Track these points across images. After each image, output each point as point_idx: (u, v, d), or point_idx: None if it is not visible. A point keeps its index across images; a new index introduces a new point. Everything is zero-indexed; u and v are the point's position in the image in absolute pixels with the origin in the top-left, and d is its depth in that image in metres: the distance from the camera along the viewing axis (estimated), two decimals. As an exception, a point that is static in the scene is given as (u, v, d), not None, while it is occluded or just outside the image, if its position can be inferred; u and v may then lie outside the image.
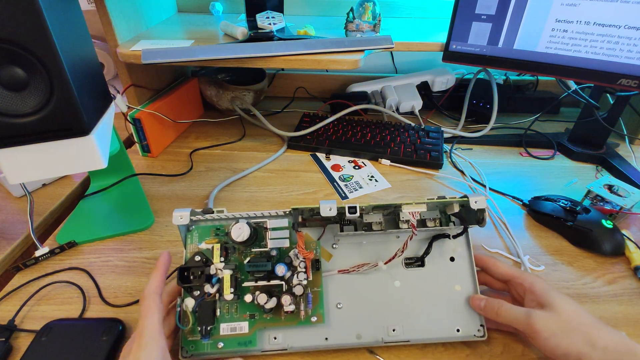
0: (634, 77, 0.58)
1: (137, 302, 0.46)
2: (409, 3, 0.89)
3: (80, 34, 0.42)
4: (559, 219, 0.55)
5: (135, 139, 0.71)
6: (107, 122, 0.47)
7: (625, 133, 0.77)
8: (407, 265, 0.42)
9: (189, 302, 0.38)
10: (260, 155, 0.74)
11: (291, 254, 0.40)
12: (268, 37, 0.68)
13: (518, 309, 0.37)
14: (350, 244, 0.42)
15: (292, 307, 0.38)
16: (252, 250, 0.40)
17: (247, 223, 0.39)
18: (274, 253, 0.40)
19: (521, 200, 0.62)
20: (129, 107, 0.69)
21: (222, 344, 0.38)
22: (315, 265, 0.41)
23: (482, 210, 0.40)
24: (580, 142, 0.74)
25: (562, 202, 0.56)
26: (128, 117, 0.68)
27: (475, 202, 0.39)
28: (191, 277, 0.38)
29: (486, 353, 0.40)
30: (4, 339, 0.40)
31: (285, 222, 0.41)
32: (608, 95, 0.70)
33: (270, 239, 0.40)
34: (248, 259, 0.40)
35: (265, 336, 0.39)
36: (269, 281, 0.39)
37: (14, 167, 0.40)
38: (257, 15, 0.71)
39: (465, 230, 0.41)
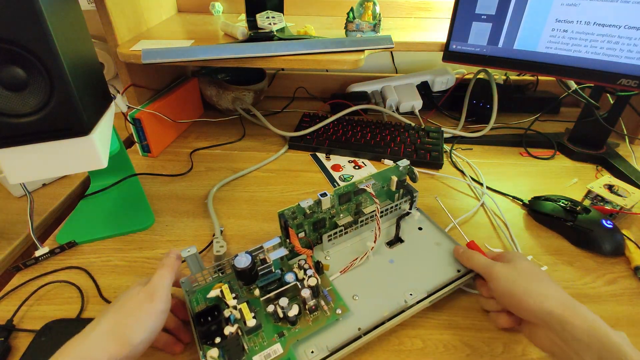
0: (634, 77, 0.58)
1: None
2: (409, 3, 0.89)
3: (80, 34, 0.42)
4: (559, 219, 0.55)
5: (135, 139, 0.71)
6: (107, 122, 0.47)
7: (626, 133, 0.77)
8: (390, 246, 0.49)
9: (213, 352, 0.36)
10: (260, 155, 0.74)
11: (294, 268, 0.43)
12: (268, 37, 0.68)
13: (485, 258, 0.43)
14: (339, 250, 0.49)
15: (314, 302, 0.39)
16: (265, 266, 0.42)
17: (247, 252, 0.41)
18: (278, 272, 0.43)
19: (521, 200, 0.62)
20: (129, 107, 0.69)
21: None
22: (318, 268, 0.43)
23: (409, 169, 0.50)
24: (580, 142, 0.74)
25: (562, 202, 0.56)
26: (128, 117, 0.68)
27: (401, 167, 0.50)
28: (209, 319, 0.38)
29: (486, 353, 0.40)
30: (2, 339, 0.40)
31: (277, 240, 0.43)
32: (608, 95, 0.70)
33: (270, 255, 0.42)
34: (256, 288, 0.42)
35: (301, 352, 0.37)
36: (286, 285, 0.40)
37: (14, 167, 0.40)
38: (257, 15, 0.71)
39: (410, 195, 0.52)
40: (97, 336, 0.31)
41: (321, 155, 0.75)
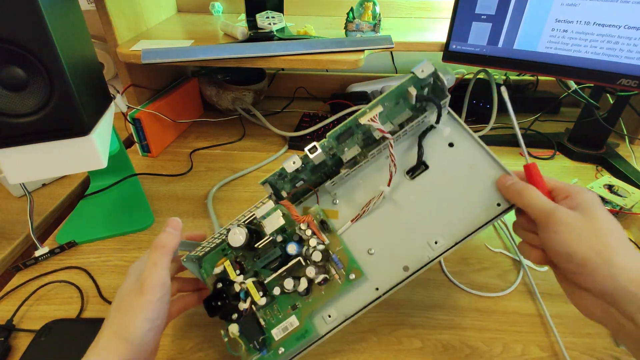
0: (634, 77, 0.58)
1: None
2: (409, 3, 0.88)
3: (80, 34, 0.42)
4: (558, 219, 0.55)
5: (135, 139, 0.71)
6: (107, 122, 0.47)
7: (625, 133, 0.77)
8: (412, 177, 0.38)
9: (233, 328, 0.36)
10: (260, 155, 0.74)
11: (297, 230, 0.38)
12: (268, 37, 0.68)
13: (545, 199, 0.32)
14: (348, 192, 0.39)
15: (322, 276, 0.36)
16: (259, 247, 0.38)
17: (238, 226, 0.37)
18: (279, 239, 0.38)
19: (521, 200, 0.61)
20: (128, 107, 0.69)
21: (282, 349, 0.36)
22: (324, 226, 0.38)
23: (435, 75, 0.34)
24: (580, 142, 0.74)
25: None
26: (128, 117, 0.68)
27: (422, 71, 0.34)
28: (219, 304, 0.38)
29: (486, 353, 0.40)
30: (2, 339, 0.41)
31: (270, 205, 0.38)
32: (608, 95, 0.70)
33: (266, 226, 0.37)
34: (259, 257, 0.38)
35: (319, 319, 0.37)
36: (287, 264, 0.36)
37: (14, 167, 0.40)
38: (257, 15, 0.71)
39: (439, 107, 0.36)
40: (106, 340, 0.31)
41: (321, 155, 0.75)
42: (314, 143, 0.36)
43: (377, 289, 0.36)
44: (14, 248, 0.53)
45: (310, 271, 0.35)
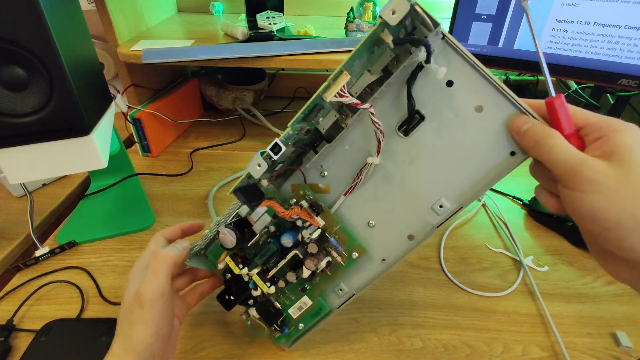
0: (634, 77, 0.58)
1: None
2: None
3: (80, 34, 0.42)
4: (559, 219, 0.55)
5: (135, 139, 0.71)
6: (107, 122, 0.47)
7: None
8: (405, 133, 0.31)
9: (253, 312, 0.38)
10: (261, 155, 0.74)
11: (288, 218, 0.35)
12: (268, 37, 0.68)
13: (572, 150, 0.24)
14: (335, 161, 0.34)
15: (324, 262, 0.34)
16: (254, 241, 0.37)
17: (227, 226, 0.35)
18: (272, 229, 0.36)
19: (521, 200, 0.61)
20: (129, 107, 0.69)
21: (302, 325, 0.38)
22: (314, 208, 0.35)
23: (413, 12, 0.25)
24: (580, 142, 0.74)
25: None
26: (128, 117, 0.68)
27: (392, 13, 0.24)
28: (232, 297, 0.38)
29: (486, 353, 0.40)
30: (2, 339, 0.40)
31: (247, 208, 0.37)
32: (608, 95, 0.70)
33: (253, 223, 0.36)
34: (255, 254, 0.37)
35: (330, 295, 0.37)
36: (286, 257, 0.35)
37: (14, 167, 0.40)
38: (258, 15, 0.71)
39: (427, 47, 0.26)
40: (117, 351, 0.31)
41: (321, 155, 0.75)
42: (276, 140, 0.30)
43: (383, 260, 0.35)
44: (14, 248, 0.53)
45: (309, 264, 0.34)
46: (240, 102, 0.84)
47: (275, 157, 0.31)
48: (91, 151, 0.41)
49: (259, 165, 0.31)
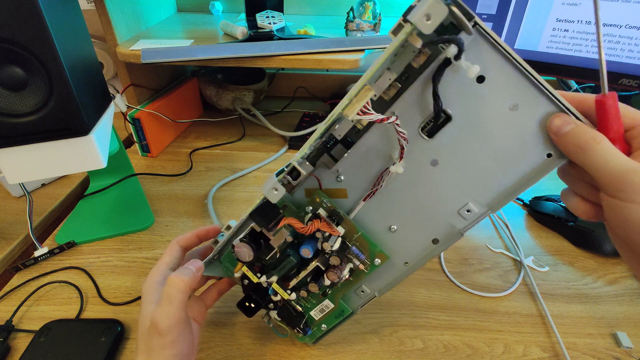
0: (635, 77, 0.58)
1: (136, 300, 0.45)
2: (409, 2, 0.88)
3: (79, 34, 0.42)
4: (559, 219, 0.55)
5: (135, 139, 0.71)
6: (106, 121, 0.46)
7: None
8: (429, 134, 0.28)
9: (274, 314, 0.38)
10: (260, 155, 0.74)
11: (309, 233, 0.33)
12: (268, 36, 0.68)
13: (621, 157, 0.22)
14: (352, 164, 0.32)
15: (346, 271, 0.34)
16: (271, 253, 0.35)
17: (241, 240, 0.33)
18: (290, 239, 0.34)
19: (522, 201, 0.61)
20: (128, 107, 0.69)
21: (324, 325, 0.38)
22: (333, 218, 0.33)
23: (451, 15, 0.22)
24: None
25: (562, 202, 0.56)
26: (127, 117, 0.68)
27: (427, 20, 0.22)
28: (252, 305, 0.37)
29: (487, 354, 0.40)
30: (1, 339, 0.40)
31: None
32: (609, 95, 0.70)
33: (273, 238, 0.34)
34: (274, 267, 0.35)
35: (352, 296, 0.37)
36: (306, 267, 0.34)
37: (13, 167, 0.40)
38: (257, 15, 0.71)
39: (460, 45, 0.23)
40: None
41: (321, 155, 0.74)
42: (293, 164, 0.28)
43: (406, 263, 0.34)
44: (13, 248, 0.52)
45: (332, 276, 0.33)
46: (240, 102, 0.84)
47: (295, 183, 0.29)
48: (90, 151, 0.41)
49: (276, 190, 0.29)
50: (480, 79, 0.26)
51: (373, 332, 0.43)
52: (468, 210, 0.30)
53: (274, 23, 0.69)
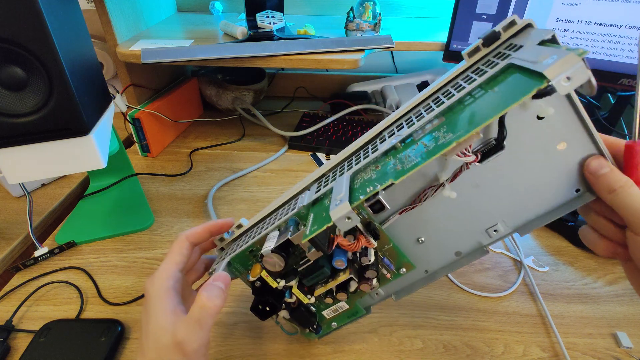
0: (635, 77, 0.58)
1: (136, 300, 0.45)
2: (409, 2, 0.88)
3: (79, 34, 0.42)
4: (559, 219, 0.55)
5: (135, 139, 0.71)
6: (106, 121, 0.46)
7: (627, 133, 0.77)
8: (480, 160, 0.29)
9: (284, 313, 0.37)
10: (260, 155, 0.74)
11: (338, 237, 0.32)
12: (268, 36, 0.68)
13: None
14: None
15: (375, 282, 0.34)
16: (305, 265, 0.34)
17: (272, 251, 0.32)
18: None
19: (522, 200, 0.61)
20: (128, 107, 0.69)
21: (335, 324, 0.39)
22: (371, 230, 0.32)
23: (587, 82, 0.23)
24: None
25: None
26: (127, 117, 0.68)
27: (568, 80, 0.22)
28: (267, 308, 0.35)
29: (487, 354, 0.40)
30: (1, 339, 0.40)
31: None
32: (609, 94, 0.70)
33: (309, 253, 0.32)
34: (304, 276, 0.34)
35: (366, 297, 0.37)
36: (336, 278, 0.33)
37: (13, 167, 0.40)
38: (257, 15, 0.71)
39: (550, 93, 0.24)
40: None
41: (321, 155, 0.74)
42: (380, 198, 0.28)
43: (426, 271, 0.35)
44: (13, 248, 0.52)
45: (366, 287, 0.33)
46: (239, 102, 0.84)
47: (375, 218, 0.30)
48: (90, 151, 0.41)
49: (349, 219, 0.28)
50: (540, 118, 0.27)
51: (372, 331, 0.43)
52: (495, 230, 0.31)
53: (274, 23, 0.69)
